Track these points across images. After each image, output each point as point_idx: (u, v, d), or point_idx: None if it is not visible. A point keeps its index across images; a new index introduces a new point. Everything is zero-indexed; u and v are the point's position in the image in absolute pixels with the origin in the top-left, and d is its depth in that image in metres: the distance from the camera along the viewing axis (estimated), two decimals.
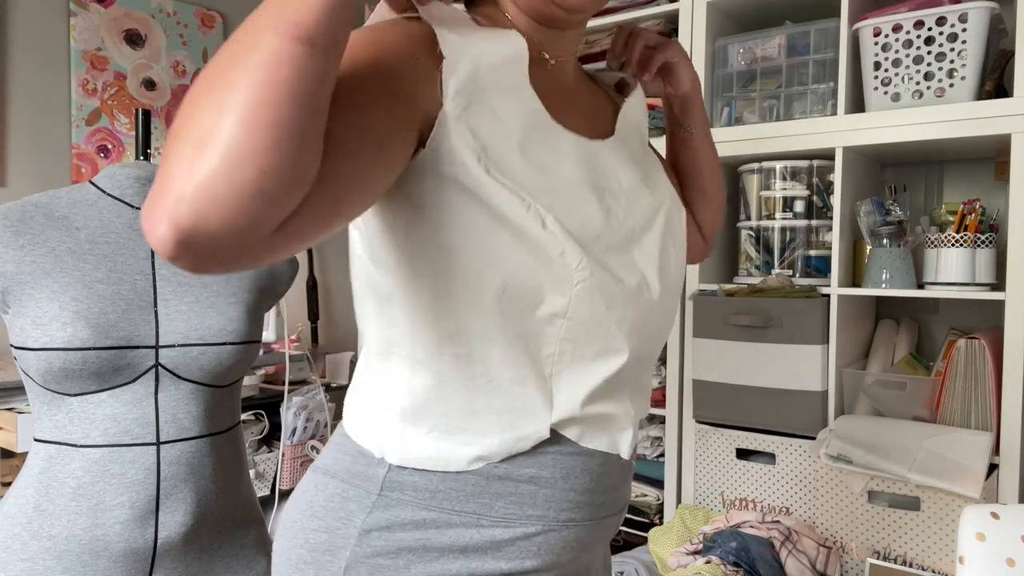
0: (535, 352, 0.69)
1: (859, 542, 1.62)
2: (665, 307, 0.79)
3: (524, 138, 0.68)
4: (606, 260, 0.71)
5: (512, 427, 0.70)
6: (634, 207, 0.77)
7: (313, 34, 0.48)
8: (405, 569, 0.70)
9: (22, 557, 0.99)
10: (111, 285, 1.02)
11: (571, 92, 0.81)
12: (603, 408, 0.75)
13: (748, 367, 1.86)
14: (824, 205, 1.91)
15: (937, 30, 1.67)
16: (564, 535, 0.74)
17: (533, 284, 0.66)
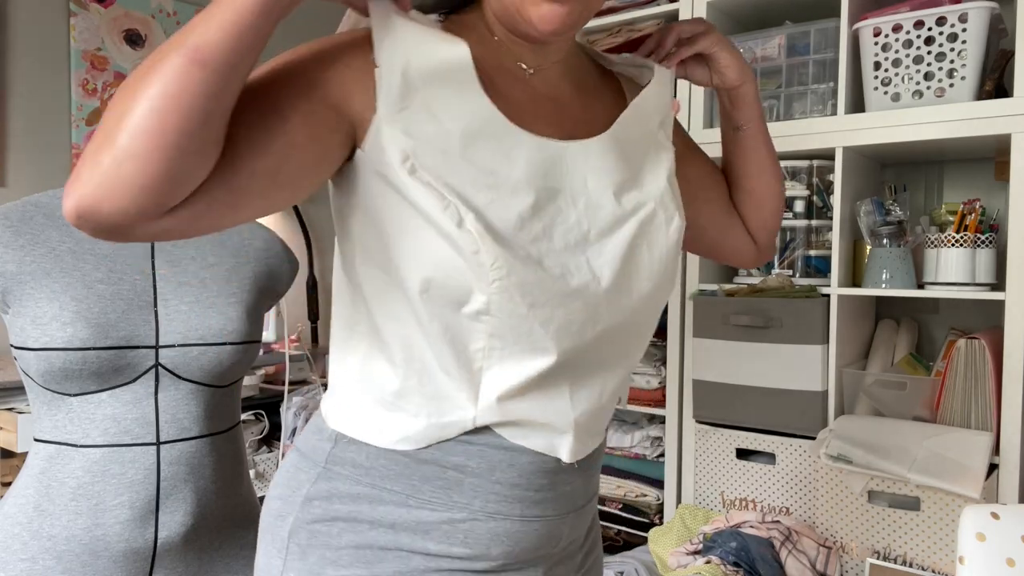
0: (464, 346, 0.72)
1: (859, 542, 1.62)
2: (627, 309, 0.78)
3: (466, 140, 0.71)
4: (543, 259, 0.71)
5: (439, 414, 0.74)
6: (597, 209, 0.77)
7: (208, 58, 0.57)
8: (338, 536, 0.76)
9: (22, 557, 0.99)
10: (111, 285, 1.02)
11: (550, 99, 0.81)
12: (529, 407, 0.75)
13: (748, 367, 1.86)
14: (824, 205, 1.91)
15: (937, 30, 1.67)
16: (491, 527, 0.76)
17: (456, 281, 0.69)
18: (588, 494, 0.85)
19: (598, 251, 0.76)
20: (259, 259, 1.15)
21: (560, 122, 0.80)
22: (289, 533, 0.78)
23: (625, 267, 0.77)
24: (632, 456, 2.16)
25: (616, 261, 0.76)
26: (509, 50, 0.79)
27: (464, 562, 0.77)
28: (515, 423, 0.75)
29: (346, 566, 0.75)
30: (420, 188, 0.68)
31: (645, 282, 0.79)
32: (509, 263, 0.69)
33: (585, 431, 0.80)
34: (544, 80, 0.81)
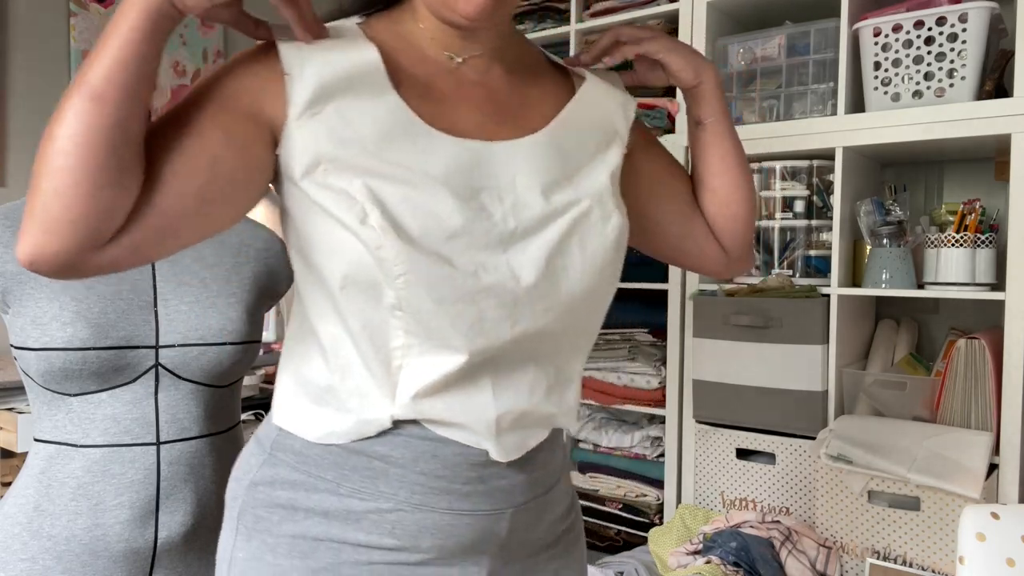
0: (384, 343, 0.73)
1: (859, 542, 1.62)
2: (554, 309, 0.77)
3: (380, 143, 0.72)
4: (455, 257, 0.72)
5: (360, 410, 0.76)
6: (524, 207, 0.76)
7: (102, 92, 0.62)
8: (278, 524, 0.78)
9: (22, 557, 0.99)
10: (111, 285, 1.02)
11: (480, 86, 0.81)
12: (447, 405, 0.75)
13: (748, 367, 1.85)
14: (824, 205, 1.91)
15: (937, 30, 1.67)
16: (418, 518, 0.77)
17: (369, 277, 0.71)
18: (534, 492, 0.83)
19: (521, 249, 0.75)
20: (259, 259, 1.15)
21: (491, 109, 0.80)
22: (238, 515, 0.81)
23: (550, 266, 0.76)
24: (632, 456, 2.16)
25: (540, 260, 0.76)
26: (437, 40, 0.80)
27: (394, 553, 0.78)
28: (435, 419, 0.76)
29: (283, 555, 0.78)
30: (326, 190, 0.71)
31: (576, 282, 0.78)
32: (413, 259, 0.70)
33: (513, 429, 0.79)
34: (474, 68, 0.81)
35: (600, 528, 2.22)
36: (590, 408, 2.30)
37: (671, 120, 2.06)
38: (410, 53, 0.79)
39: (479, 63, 0.82)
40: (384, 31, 0.79)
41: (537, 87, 0.86)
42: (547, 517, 0.86)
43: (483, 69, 0.82)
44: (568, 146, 0.82)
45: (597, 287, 0.80)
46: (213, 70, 0.74)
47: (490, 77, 0.82)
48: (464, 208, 0.73)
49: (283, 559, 0.78)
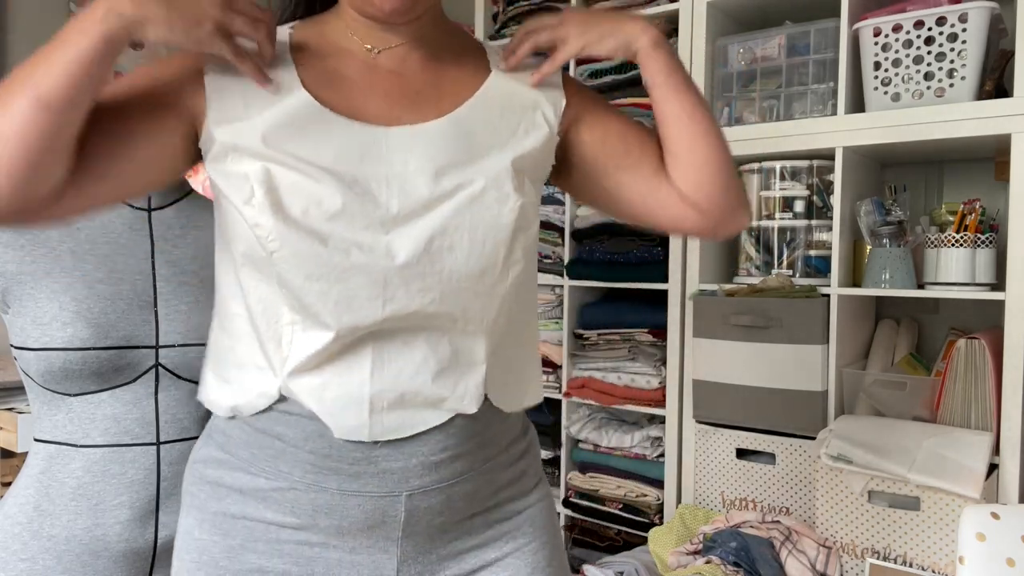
0: (275, 319, 0.78)
1: (859, 542, 1.62)
2: (434, 289, 0.78)
3: (279, 130, 0.77)
4: (331, 236, 0.75)
5: (254, 383, 0.81)
6: (411, 190, 0.78)
7: (51, 100, 0.68)
8: (205, 502, 0.85)
9: (22, 557, 0.99)
10: (111, 285, 1.02)
11: (394, 73, 0.84)
12: (323, 382, 0.78)
13: (748, 367, 1.85)
14: (824, 205, 1.91)
15: (937, 30, 1.67)
16: (312, 498, 0.80)
17: (257, 255, 0.76)
18: (436, 476, 0.82)
19: (403, 231, 0.77)
20: None
21: (399, 95, 0.83)
22: (184, 492, 0.88)
23: (432, 246, 0.77)
24: (632, 456, 2.16)
25: (420, 240, 0.77)
26: (358, 34, 0.84)
27: (298, 532, 0.81)
28: (315, 397, 0.78)
29: (207, 531, 0.83)
30: (228, 176, 0.77)
31: (462, 262, 0.78)
32: (284, 236, 0.74)
33: (393, 409, 0.79)
34: (390, 57, 0.84)
35: (600, 528, 2.22)
36: (590, 408, 2.30)
37: None
38: (326, 48, 0.84)
39: (396, 52, 0.85)
40: (309, 32, 0.86)
41: (456, 72, 0.87)
42: (464, 506, 0.85)
43: (400, 57, 0.85)
44: (476, 129, 0.83)
45: (488, 268, 0.80)
46: (139, 69, 0.83)
47: (405, 65, 0.85)
48: (347, 191, 0.76)
49: (206, 535, 0.84)
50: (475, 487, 0.85)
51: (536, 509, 0.92)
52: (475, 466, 0.85)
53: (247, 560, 0.82)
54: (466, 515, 0.86)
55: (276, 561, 0.82)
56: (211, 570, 0.83)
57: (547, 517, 0.93)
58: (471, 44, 0.91)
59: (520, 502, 0.91)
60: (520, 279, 0.84)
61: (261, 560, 0.82)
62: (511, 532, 0.90)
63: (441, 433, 0.81)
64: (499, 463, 0.88)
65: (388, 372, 0.79)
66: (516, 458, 0.91)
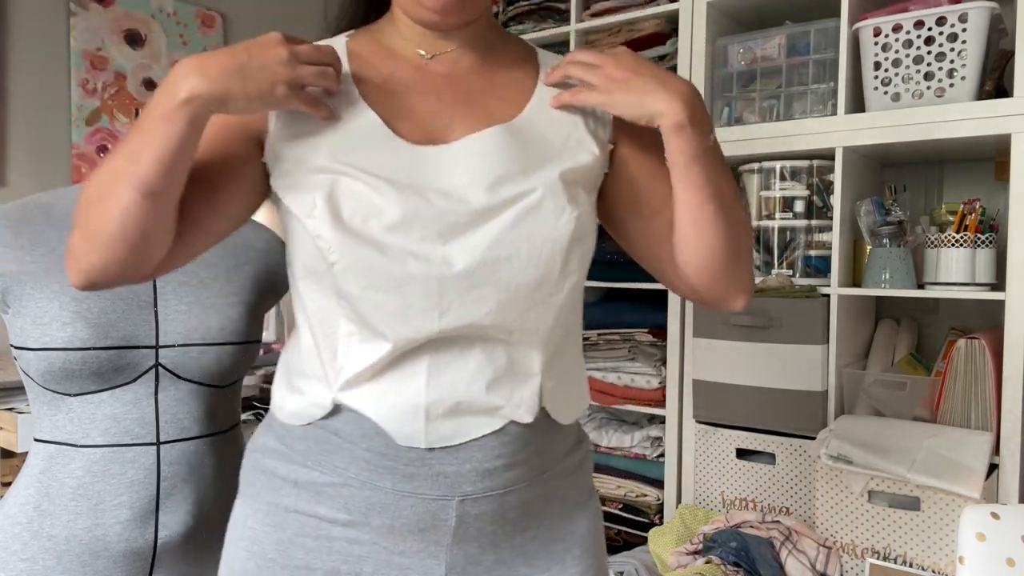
0: (333, 330, 0.80)
1: (859, 542, 1.62)
2: (491, 299, 0.77)
3: (336, 143, 0.79)
4: (388, 247, 0.75)
5: (310, 393, 0.82)
6: (466, 202, 0.77)
7: (154, 188, 0.72)
8: (260, 491, 0.86)
9: (22, 557, 0.99)
10: None
11: (445, 76, 0.85)
12: (382, 391, 0.79)
13: (748, 367, 1.85)
14: (824, 205, 1.91)
15: (937, 30, 1.67)
16: (366, 496, 0.81)
17: (317, 266, 0.78)
18: (489, 484, 0.81)
19: (461, 241, 0.77)
20: (259, 259, 1.15)
21: (451, 97, 0.84)
22: (241, 479, 0.90)
23: (490, 256, 0.76)
24: (632, 456, 2.16)
25: (477, 250, 0.76)
26: (411, 40, 0.85)
27: (349, 530, 0.81)
28: (371, 403, 0.79)
29: (259, 521, 0.85)
30: (292, 189, 0.79)
31: (519, 273, 0.77)
32: (344, 246, 0.75)
33: (449, 417, 0.79)
34: (442, 62, 0.86)
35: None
36: (590, 408, 2.30)
37: None
38: (380, 55, 0.85)
39: (448, 57, 0.86)
40: (364, 40, 0.87)
41: (508, 78, 0.87)
42: (515, 517, 0.84)
43: (452, 62, 0.86)
44: (531, 139, 0.82)
45: (545, 279, 0.79)
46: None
47: (457, 68, 0.86)
48: (405, 202, 0.76)
49: (258, 525, 0.85)
50: (527, 499, 0.85)
51: (586, 527, 0.91)
52: (528, 477, 0.84)
53: (295, 555, 0.82)
54: (517, 528, 0.85)
55: (324, 558, 0.82)
56: (260, 561, 0.84)
57: (596, 536, 0.92)
58: (523, 50, 0.91)
59: (571, 519, 0.90)
60: (576, 290, 0.84)
61: (309, 557, 0.82)
62: (560, 554, 0.88)
63: (495, 440, 0.81)
64: (553, 475, 0.87)
65: (444, 381, 0.79)
66: (570, 471, 0.90)
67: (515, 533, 0.85)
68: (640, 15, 2.11)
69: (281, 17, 2.88)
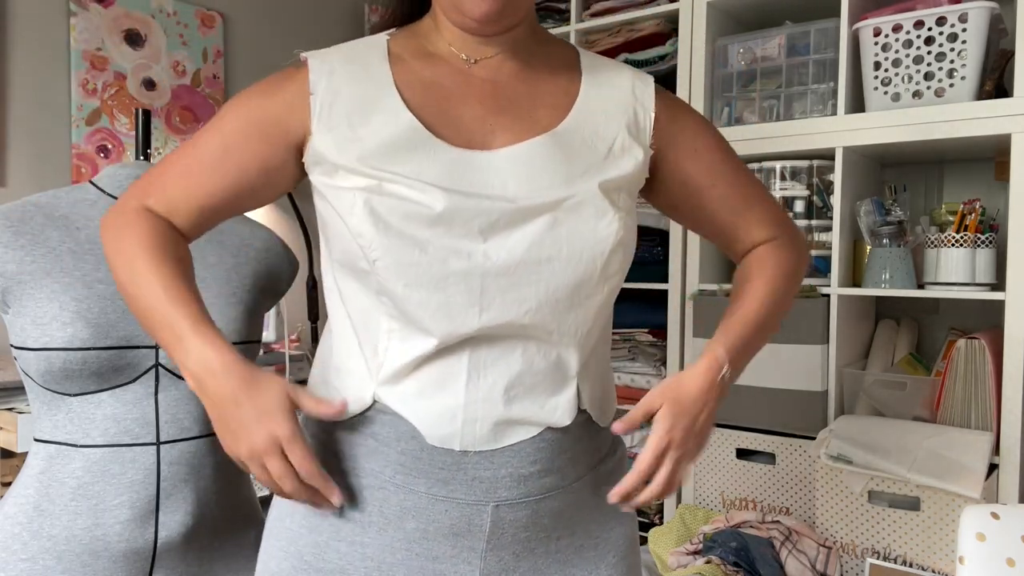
0: (375, 327, 0.80)
1: (859, 542, 1.62)
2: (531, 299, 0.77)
3: (386, 150, 0.79)
4: (429, 244, 0.75)
5: (352, 389, 0.82)
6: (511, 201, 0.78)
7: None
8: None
9: (22, 557, 0.99)
10: (111, 285, 1.02)
11: (489, 82, 0.85)
12: (419, 389, 0.79)
13: (748, 367, 1.85)
14: (824, 205, 1.91)
15: (937, 30, 1.67)
16: (400, 498, 0.80)
17: (359, 264, 0.78)
18: (525, 490, 0.81)
19: (502, 239, 0.77)
20: (259, 259, 1.15)
21: (494, 103, 0.84)
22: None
23: (531, 256, 0.77)
24: (632, 456, 2.15)
25: (518, 250, 0.77)
26: (455, 44, 0.85)
27: (383, 535, 0.81)
28: (410, 403, 0.79)
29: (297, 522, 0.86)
30: (336, 189, 0.80)
31: (559, 274, 0.78)
32: (386, 245, 0.76)
33: (487, 420, 0.79)
34: (485, 67, 0.85)
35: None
36: None
37: None
38: (423, 57, 0.85)
39: (491, 63, 0.86)
40: (405, 41, 0.87)
41: (551, 83, 0.87)
42: (550, 524, 0.84)
43: (494, 67, 0.86)
44: (574, 145, 0.83)
45: (585, 281, 0.79)
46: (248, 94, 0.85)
47: (500, 73, 0.86)
48: (446, 199, 0.76)
49: (295, 525, 0.85)
50: (562, 506, 0.84)
51: (620, 533, 0.91)
52: (564, 483, 0.84)
53: (330, 559, 0.82)
54: (552, 535, 0.85)
55: (358, 564, 0.81)
56: (296, 562, 0.84)
57: (631, 543, 0.92)
58: (566, 53, 0.91)
59: (605, 526, 0.89)
60: (614, 293, 0.85)
61: (343, 562, 0.82)
62: (594, 561, 0.88)
63: (532, 447, 0.81)
64: (587, 482, 0.87)
65: (483, 383, 0.79)
66: (604, 478, 0.89)
67: (549, 540, 0.85)
68: (640, 15, 2.11)
69: (281, 17, 2.87)
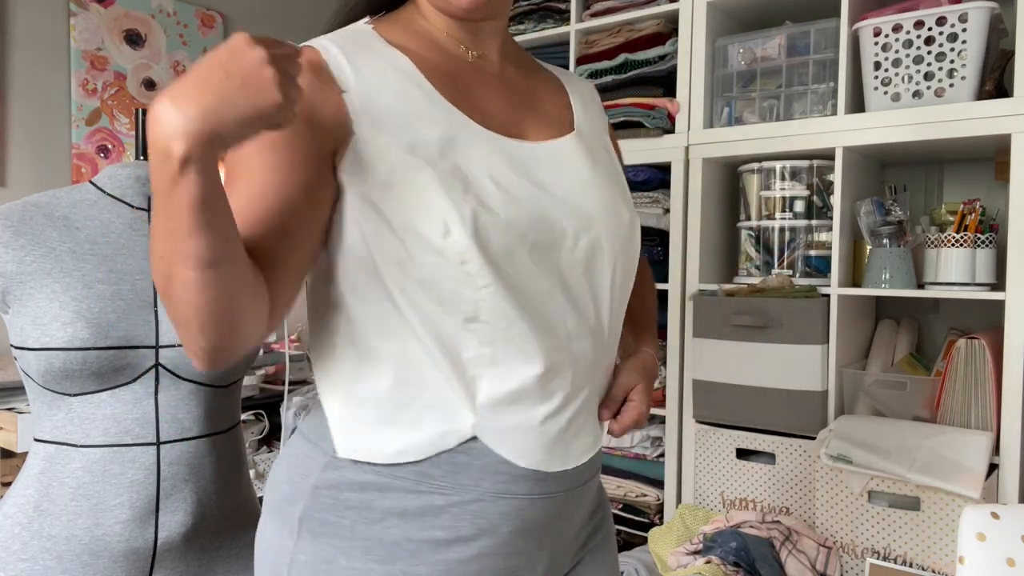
0: (456, 354, 0.73)
1: (859, 542, 1.62)
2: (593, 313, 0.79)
3: (444, 148, 0.72)
4: (523, 262, 0.73)
5: (438, 423, 0.75)
6: (575, 206, 0.78)
7: (211, 256, 0.60)
8: (350, 529, 0.76)
9: (22, 557, 0.99)
10: (111, 285, 1.02)
11: (500, 82, 0.84)
12: (518, 418, 0.76)
13: (748, 367, 1.85)
14: (824, 205, 1.91)
15: (937, 30, 1.67)
16: (500, 506, 0.77)
17: (448, 289, 0.71)
18: (593, 468, 0.86)
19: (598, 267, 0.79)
20: None
21: (516, 101, 0.83)
22: (299, 519, 0.78)
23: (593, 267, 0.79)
24: (632, 456, 2.16)
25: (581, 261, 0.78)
26: (452, 35, 0.81)
27: (472, 544, 0.77)
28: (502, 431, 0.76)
29: (358, 558, 0.76)
30: (404, 204, 0.70)
31: (623, 287, 0.82)
32: (495, 271, 0.70)
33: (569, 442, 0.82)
34: (489, 64, 0.84)
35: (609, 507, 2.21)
36: None
37: (671, 120, 2.06)
38: (433, 50, 0.80)
39: (493, 60, 0.85)
40: (400, 33, 0.79)
41: (545, 90, 0.89)
42: (592, 494, 0.89)
43: (497, 65, 0.85)
44: (593, 147, 0.85)
45: (628, 289, 0.84)
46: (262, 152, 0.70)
47: (505, 73, 0.86)
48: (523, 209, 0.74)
49: (358, 562, 0.76)
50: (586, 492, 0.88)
51: (608, 506, 0.99)
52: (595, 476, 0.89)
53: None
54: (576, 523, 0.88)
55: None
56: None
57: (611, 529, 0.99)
58: (530, 57, 0.94)
59: (604, 502, 0.97)
60: None
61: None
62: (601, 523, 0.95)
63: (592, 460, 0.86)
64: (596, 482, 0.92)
65: (571, 408, 0.79)
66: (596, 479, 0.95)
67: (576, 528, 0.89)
68: (640, 15, 2.11)
69: (281, 17, 2.88)
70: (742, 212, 2.02)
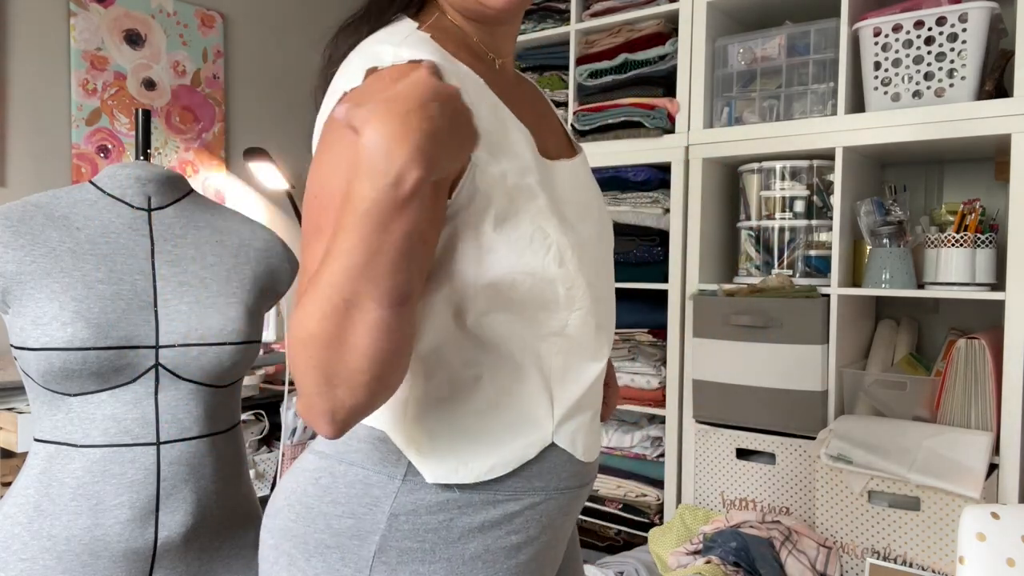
0: (539, 366, 0.76)
1: (859, 542, 1.62)
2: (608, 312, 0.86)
3: (531, 170, 0.73)
4: (592, 275, 0.78)
5: (521, 435, 0.76)
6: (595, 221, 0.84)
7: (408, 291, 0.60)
8: (431, 552, 0.74)
9: (22, 557, 0.99)
10: (111, 285, 1.02)
11: (519, 91, 0.84)
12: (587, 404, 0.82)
13: (748, 367, 1.85)
14: (824, 205, 1.91)
15: (937, 30, 1.67)
16: (560, 502, 0.80)
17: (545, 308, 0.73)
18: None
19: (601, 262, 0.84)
20: (259, 259, 1.15)
21: (539, 110, 0.86)
22: (375, 553, 0.74)
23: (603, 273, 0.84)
24: (632, 456, 2.16)
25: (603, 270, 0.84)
26: (482, 40, 0.80)
27: (537, 543, 0.79)
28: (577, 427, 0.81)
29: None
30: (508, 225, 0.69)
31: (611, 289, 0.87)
32: (591, 288, 0.76)
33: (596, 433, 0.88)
34: (506, 71, 0.83)
35: (600, 528, 2.21)
36: None
37: (671, 120, 2.06)
38: (474, 59, 0.77)
39: (508, 66, 0.84)
40: (448, 41, 0.75)
41: (532, 91, 0.90)
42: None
43: (511, 72, 0.85)
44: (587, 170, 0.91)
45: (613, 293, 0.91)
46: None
47: (518, 80, 0.87)
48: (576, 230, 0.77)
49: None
50: None
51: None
52: None
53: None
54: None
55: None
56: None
57: None
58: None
59: None
60: None
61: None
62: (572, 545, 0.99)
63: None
64: None
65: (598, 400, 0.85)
66: None
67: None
68: (640, 15, 2.11)
69: (281, 17, 2.87)
70: (742, 212, 2.02)
